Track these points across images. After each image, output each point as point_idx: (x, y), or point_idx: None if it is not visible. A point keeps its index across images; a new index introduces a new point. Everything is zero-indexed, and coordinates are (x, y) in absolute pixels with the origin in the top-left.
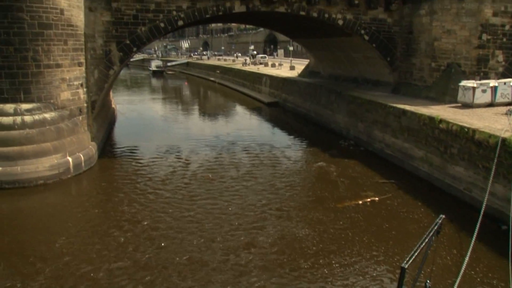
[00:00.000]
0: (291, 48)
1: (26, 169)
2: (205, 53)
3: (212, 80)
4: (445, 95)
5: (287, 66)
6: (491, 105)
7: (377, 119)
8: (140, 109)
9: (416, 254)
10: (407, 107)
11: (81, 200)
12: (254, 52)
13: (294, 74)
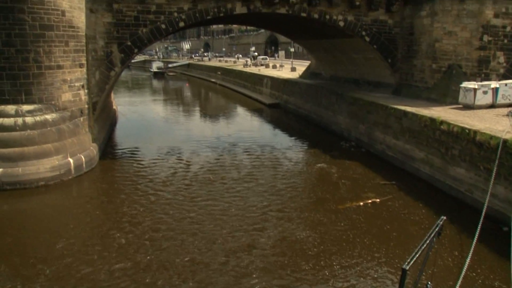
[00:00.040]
0: (292, 49)
1: (27, 170)
2: (206, 54)
3: (213, 81)
4: (446, 97)
5: (288, 68)
6: (492, 106)
7: (378, 121)
8: (141, 110)
9: (417, 255)
10: (408, 109)
11: (82, 201)
12: (255, 53)
13: (295, 75)
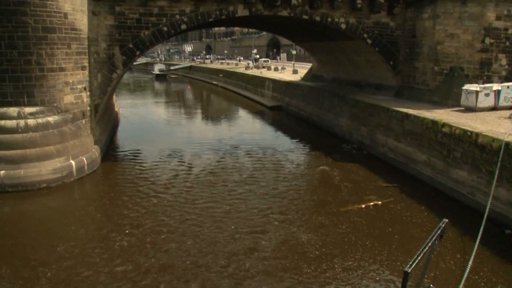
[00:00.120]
0: (294, 52)
1: (29, 172)
2: (208, 56)
3: (215, 83)
4: (448, 99)
5: (290, 70)
6: (494, 108)
7: (380, 123)
8: (143, 112)
9: (419, 258)
10: (410, 111)
11: (83, 203)
12: (257, 56)
13: (297, 78)
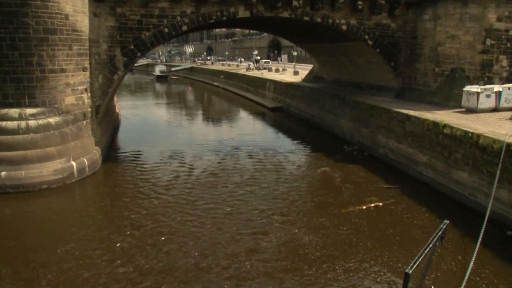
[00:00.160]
0: (295, 53)
1: (30, 173)
2: (209, 58)
3: (216, 85)
4: (449, 100)
5: (291, 71)
6: (496, 110)
7: (381, 124)
8: (144, 114)
9: (420, 259)
10: (411, 112)
11: (84, 205)
12: (258, 57)
13: (298, 79)
